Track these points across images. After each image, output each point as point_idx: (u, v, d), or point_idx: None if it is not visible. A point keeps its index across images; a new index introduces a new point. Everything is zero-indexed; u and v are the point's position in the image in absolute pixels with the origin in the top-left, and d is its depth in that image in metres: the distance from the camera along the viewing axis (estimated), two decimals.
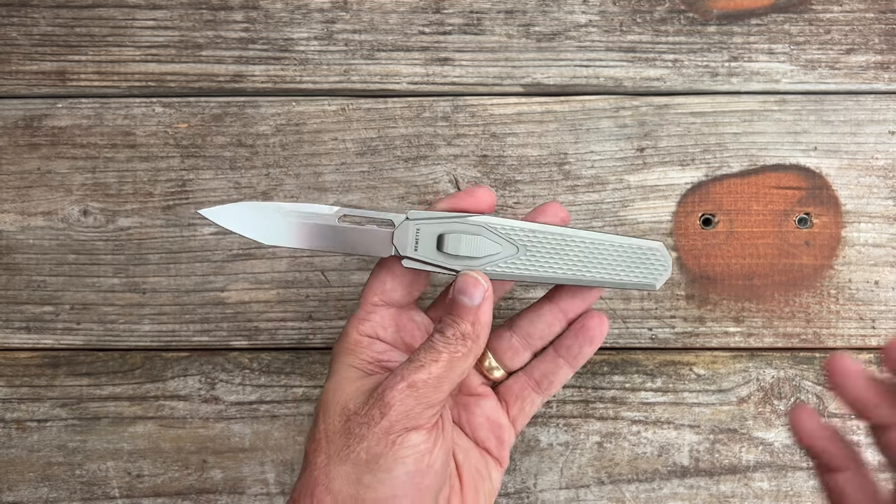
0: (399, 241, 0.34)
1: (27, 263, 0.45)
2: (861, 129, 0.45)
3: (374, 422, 0.31)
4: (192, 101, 0.46)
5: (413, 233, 0.33)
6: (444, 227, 0.34)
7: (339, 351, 0.35)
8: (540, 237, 0.34)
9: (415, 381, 0.31)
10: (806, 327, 0.45)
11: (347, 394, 0.33)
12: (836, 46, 0.46)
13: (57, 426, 0.45)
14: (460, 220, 0.34)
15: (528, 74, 0.46)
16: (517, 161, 0.45)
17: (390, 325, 0.35)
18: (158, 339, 0.45)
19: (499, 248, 0.34)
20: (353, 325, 0.35)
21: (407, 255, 0.34)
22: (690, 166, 0.45)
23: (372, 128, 0.46)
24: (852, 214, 0.45)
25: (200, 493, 0.45)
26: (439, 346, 0.32)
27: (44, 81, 0.46)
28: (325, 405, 0.33)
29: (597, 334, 0.37)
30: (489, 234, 0.34)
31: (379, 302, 0.35)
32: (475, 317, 0.32)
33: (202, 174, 0.45)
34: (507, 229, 0.34)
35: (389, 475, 0.30)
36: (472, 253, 0.33)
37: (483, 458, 0.37)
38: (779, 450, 0.44)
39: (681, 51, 0.46)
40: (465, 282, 0.33)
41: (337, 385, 0.33)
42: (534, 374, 0.38)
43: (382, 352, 0.35)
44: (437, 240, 0.34)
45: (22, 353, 0.45)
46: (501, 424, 0.38)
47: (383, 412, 0.31)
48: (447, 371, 0.32)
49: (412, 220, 0.34)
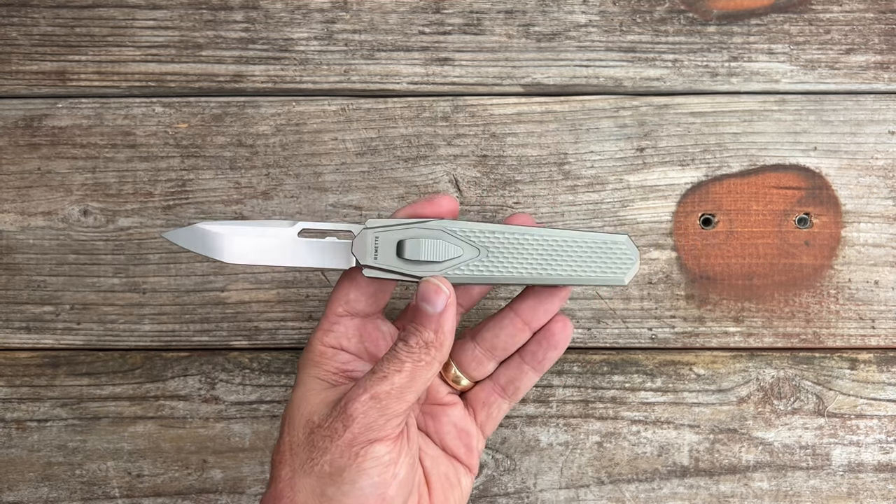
0: (358, 251, 0.33)
1: (27, 263, 0.45)
2: (861, 129, 0.45)
3: (338, 434, 0.31)
4: (192, 101, 0.46)
5: (372, 241, 0.33)
6: (402, 233, 0.33)
7: (303, 363, 0.35)
8: (501, 238, 0.34)
9: (377, 392, 0.31)
10: (806, 327, 0.45)
11: (312, 406, 0.32)
12: (835, 46, 0.46)
13: (57, 426, 0.45)
14: (419, 225, 0.33)
15: (528, 74, 0.46)
16: (517, 161, 0.45)
17: (354, 335, 0.35)
18: (158, 338, 0.45)
19: (460, 251, 0.33)
20: (318, 337, 0.35)
21: (367, 264, 0.33)
22: (690, 166, 0.45)
23: (372, 128, 0.46)
24: (852, 214, 0.45)
25: (200, 493, 0.45)
26: (402, 356, 0.31)
27: (44, 81, 0.46)
28: (290, 417, 0.33)
29: (561, 339, 0.37)
30: (449, 237, 0.33)
31: (343, 313, 0.35)
32: (438, 324, 0.32)
33: (202, 174, 0.45)
34: (466, 232, 0.33)
35: (353, 487, 0.30)
36: (433, 257, 0.33)
37: (452, 466, 0.37)
38: (779, 450, 0.44)
39: (681, 51, 0.46)
40: (427, 289, 0.32)
41: (301, 397, 0.33)
42: (500, 380, 0.38)
43: (347, 362, 0.35)
44: (396, 246, 0.33)
45: (22, 353, 0.45)
46: (469, 432, 0.38)
47: (346, 425, 0.31)
48: (411, 381, 0.31)
49: (370, 228, 0.33)
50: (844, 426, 0.44)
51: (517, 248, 0.34)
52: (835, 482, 0.44)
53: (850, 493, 0.44)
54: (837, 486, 0.44)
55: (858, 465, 0.44)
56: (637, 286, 0.45)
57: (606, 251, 0.34)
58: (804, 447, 0.44)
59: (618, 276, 0.34)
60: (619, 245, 0.35)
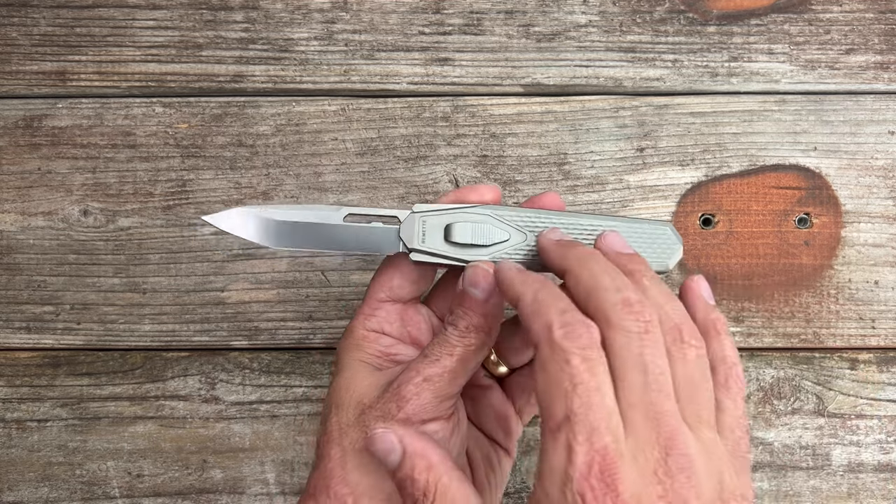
0: (406, 235, 0.33)
1: (27, 263, 0.45)
2: (861, 130, 0.45)
3: (391, 415, 0.31)
4: (193, 101, 0.46)
5: (419, 225, 0.33)
6: (450, 217, 0.33)
7: (345, 347, 0.35)
8: (547, 223, 0.34)
9: (430, 374, 0.31)
10: (806, 327, 0.45)
11: (362, 388, 0.33)
12: (835, 46, 0.46)
13: (57, 426, 0.45)
14: (466, 209, 0.33)
15: (528, 74, 0.46)
16: (517, 161, 0.45)
17: (396, 319, 0.35)
18: (159, 338, 0.45)
19: (507, 235, 0.33)
20: (360, 321, 0.35)
21: (414, 248, 0.33)
22: (690, 166, 0.45)
23: (372, 128, 0.46)
24: (852, 214, 0.45)
25: (201, 493, 0.45)
26: (453, 340, 0.32)
27: (44, 81, 0.46)
28: (338, 399, 0.33)
29: None
30: (496, 222, 0.33)
31: (385, 298, 0.35)
32: (485, 308, 0.32)
33: (202, 174, 0.45)
34: (513, 216, 0.33)
35: None
36: (481, 241, 0.33)
37: (492, 448, 0.38)
38: (779, 450, 0.44)
39: (680, 51, 0.46)
40: (475, 273, 0.32)
41: (349, 380, 0.34)
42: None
43: (389, 346, 0.35)
44: (444, 230, 0.33)
45: (22, 353, 0.45)
46: (508, 416, 0.38)
47: (400, 405, 0.31)
48: (461, 364, 0.32)
49: (417, 212, 0.33)
50: (844, 426, 0.44)
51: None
52: (835, 482, 0.44)
53: (850, 493, 0.44)
54: (837, 486, 0.44)
55: (858, 466, 0.44)
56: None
57: (651, 239, 0.35)
58: (804, 447, 0.44)
59: (663, 261, 0.35)
60: (664, 232, 0.35)
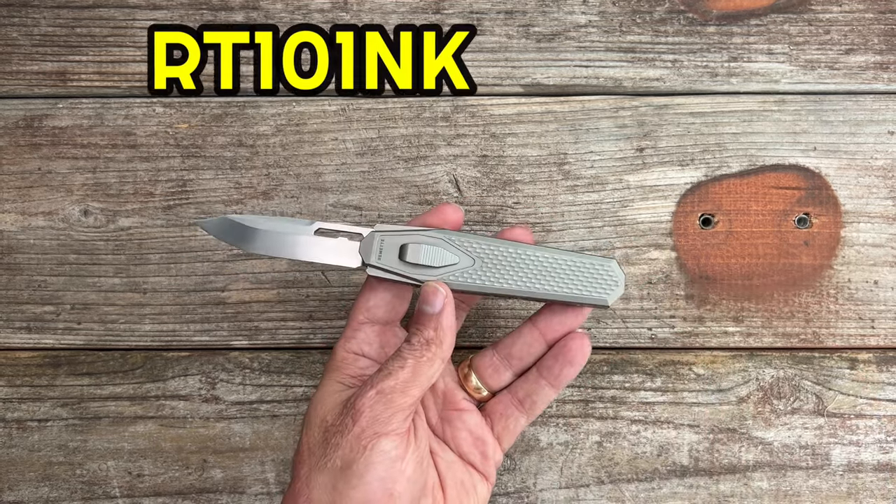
0: (364, 251, 0.36)
1: (28, 263, 0.45)
2: (860, 130, 0.45)
3: (347, 429, 0.32)
4: (193, 101, 0.46)
5: (378, 243, 0.36)
6: (406, 238, 0.36)
7: (327, 367, 0.37)
8: (495, 251, 0.36)
9: (383, 387, 0.33)
10: (805, 327, 0.45)
11: (327, 407, 0.34)
12: (835, 47, 0.46)
13: (57, 426, 0.45)
14: (422, 232, 0.36)
15: (528, 75, 0.46)
16: (517, 161, 0.45)
17: (375, 341, 0.37)
18: (159, 338, 0.45)
19: (456, 259, 0.36)
20: (341, 343, 0.37)
21: (370, 264, 0.36)
22: (690, 166, 0.45)
23: (372, 128, 0.46)
24: (851, 214, 0.45)
25: (201, 493, 0.45)
26: (405, 353, 0.34)
27: (44, 81, 0.46)
28: (309, 418, 0.35)
29: (578, 356, 0.38)
30: (448, 245, 0.36)
31: (364, 320, 0.37)
32: (437, 322, 0.34)
33: (203, 174, 0.46)
34: (464, 242, 0.36)
35: (361, 481, 0.32)
36: (431, 262, 0.35)
37: (468, 472, 0.38)
38: (778, 449, 0.44)
39: (680, 51, 0.46)
40: (427, 292, 0.35)
41: (319, 399, 0.35)
42: (517, 393, 0.39)
43: (366, 367, 0.37)
44: (399, 250, 0.36)
45: (23, 353, 0.45)
46: (485, 440, 0.39)
47: (355, 419, 0.32)
48: (413, 376, 0.33)
49: (378, 231, 0.36)
50: (844, 426, 0.44)
51: (509, 262, 0.36)
52: (834, 482, 0.44)
53: (850, 493, 0.44)
54: (837, 485, 0.44)
55: (858, 465, 0.44)
56: (637, 286, 0.45)
57: (595, 273, 0.37)
58: (804, 447, 0.44)
59: (602, 296, 0.36)
60: (607, 268, 0.37)
